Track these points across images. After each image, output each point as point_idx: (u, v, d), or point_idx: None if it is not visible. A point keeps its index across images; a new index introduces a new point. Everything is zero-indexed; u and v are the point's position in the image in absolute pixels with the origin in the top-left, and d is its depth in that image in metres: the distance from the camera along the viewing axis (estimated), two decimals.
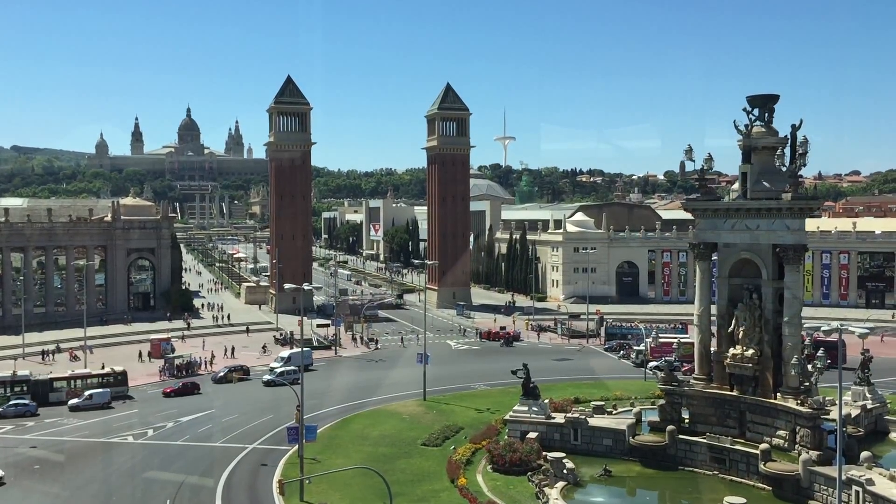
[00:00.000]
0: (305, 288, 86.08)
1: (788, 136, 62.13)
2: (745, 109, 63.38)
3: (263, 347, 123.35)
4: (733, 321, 63.67)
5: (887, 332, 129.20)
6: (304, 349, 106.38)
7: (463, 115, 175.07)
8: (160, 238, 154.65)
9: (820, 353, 56.55)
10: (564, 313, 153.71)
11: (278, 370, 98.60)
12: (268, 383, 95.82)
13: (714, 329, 67.51)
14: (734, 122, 62.34)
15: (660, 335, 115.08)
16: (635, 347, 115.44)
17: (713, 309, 66.58)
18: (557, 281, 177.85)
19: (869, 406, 69.98)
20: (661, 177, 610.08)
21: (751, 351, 61.99)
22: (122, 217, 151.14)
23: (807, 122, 59.61)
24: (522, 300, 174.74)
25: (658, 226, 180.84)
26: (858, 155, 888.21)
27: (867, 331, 44.25)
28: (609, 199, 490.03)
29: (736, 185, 64.51)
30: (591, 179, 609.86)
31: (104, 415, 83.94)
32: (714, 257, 66.67)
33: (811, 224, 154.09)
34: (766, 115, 63.35)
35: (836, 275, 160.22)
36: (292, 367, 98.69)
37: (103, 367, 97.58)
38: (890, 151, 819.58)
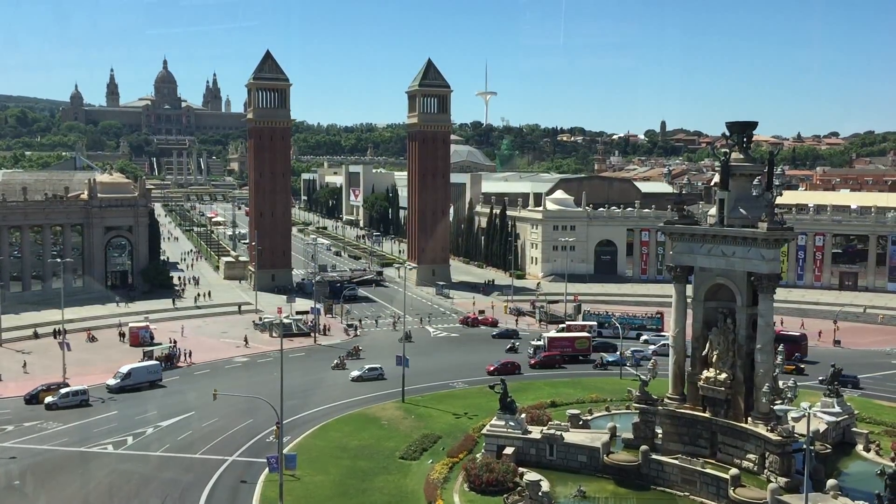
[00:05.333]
0: (285, 319, 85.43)
1: (766, 163, 62.72)
2: (723, 135, 63.62)
3: (245, 340, 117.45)
4: (707, 344, 64.72)
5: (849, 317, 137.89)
6: (153, 362, 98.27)
7: (444, 92, 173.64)
8: (138, 216, 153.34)
9: (790, 382, 57.71)
10: (543, 294, 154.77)
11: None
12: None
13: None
14: (712, 149, 62.58)
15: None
16: (532, 343, 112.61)
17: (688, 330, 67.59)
18: (536, 258, 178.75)
19: (837, 419, 71.81)
20: (642, 136, 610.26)
21: (724, 375, 63.09)
22: (99, 195, 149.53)
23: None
24: (501, 276, 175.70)
25: (637, 203, 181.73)
26: (837, 116, 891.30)
27: (834, 418, 45.22)
28: (589, 160, 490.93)
29: (713, 210, 64.96)
30: (573, 138, 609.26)
31: None
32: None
33: (789, 197, 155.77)
34: (745, 141, 63.63)
35: (810, 256, 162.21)
36: (131, 383, 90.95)
37: None
38: (869, 113, 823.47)
